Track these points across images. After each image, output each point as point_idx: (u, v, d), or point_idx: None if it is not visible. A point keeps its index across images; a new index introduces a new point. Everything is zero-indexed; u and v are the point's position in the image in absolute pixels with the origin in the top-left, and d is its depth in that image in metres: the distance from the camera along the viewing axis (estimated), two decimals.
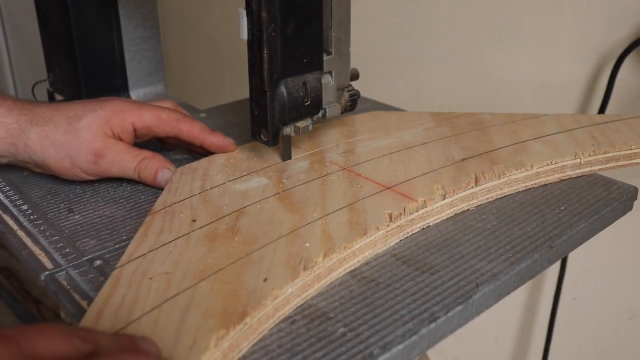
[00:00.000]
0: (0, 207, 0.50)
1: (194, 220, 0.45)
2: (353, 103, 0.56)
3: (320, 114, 0.54)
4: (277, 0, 0.46)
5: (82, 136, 0.51)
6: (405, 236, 0.45)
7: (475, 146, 0.55)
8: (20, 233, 0.47)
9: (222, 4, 1.14)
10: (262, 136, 0.51)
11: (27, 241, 0.46)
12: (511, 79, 0.79)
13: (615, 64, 0.68)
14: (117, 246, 0.45)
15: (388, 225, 0.44)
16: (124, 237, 0.46)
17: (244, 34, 0.48)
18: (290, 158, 0.54)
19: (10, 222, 0.48)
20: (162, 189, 0.51)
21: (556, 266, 0.79)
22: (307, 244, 0.41)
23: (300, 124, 0.52)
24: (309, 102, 0.52)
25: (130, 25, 0.77)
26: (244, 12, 0.47)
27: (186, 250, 0.41)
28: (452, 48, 0.83)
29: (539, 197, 0.51)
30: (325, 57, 0.53)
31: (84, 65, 0.73)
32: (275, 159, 0.55)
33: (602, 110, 0.70)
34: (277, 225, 0.44)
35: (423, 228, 0.47)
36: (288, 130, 0.52)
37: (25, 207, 0.50)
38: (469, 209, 0.49)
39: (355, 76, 0.57)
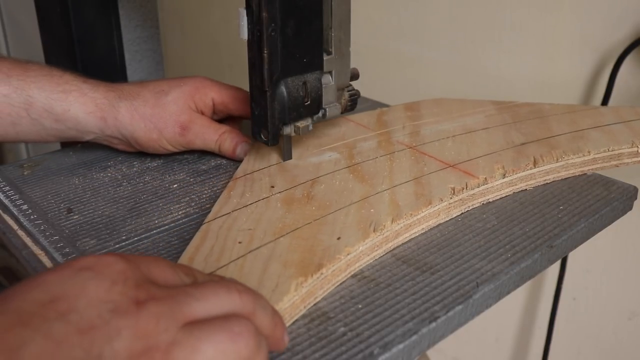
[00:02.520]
0: (1, 207, 0.50)
1: (272, 186, 0.50)
2: (353, 103, 0.56)
3: (320, 114, 0.54)
4: (277, 0, 0.46)
5: (169, 110, 0.55)
6: (466, 209, 0.49)
7: (534, 132, 0.57)
8: (21, 233, 0.47)
9: (222, 4, 1.14)
10: (262, 136, 0.51)
11: (28, 241, 0.46)
12: (511, 79, 0.79)
13: (615, 64, 0.68)
14: (117, 246, 0.45)
15: (451, 198, 0.47)
16: (124, 237, 0.46)
17: (244, 34, 0.48)
18: (290, 158, 0.54)
19: (11, 222, 0.48)
20: (240, 161, 0.56)
21: (556, 266, 0.79)
22: (376, 210, 0.45)
23: (301, 123, 0.52)
24: (309, 102, 0.52)
25: (130, 25, 0.77)
26: (244, 12, 0.47)
27: (266, 211, 0.46)
28: (452, 48, 0.83)
29: (539, 196, 0.51)
30: (325, 57, 0.53)
31: (84, 65, 0.73)
32: (346, 137, 0.59)
33: None
34: (349, 194, 0.48)
35: (483, 204, 0.50)
36: (288, 130, 0.52)
37: (25, 207, 0.50)
38: (473, 206, 0.49)
39: (355, 76, 0.57)
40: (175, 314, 0.27)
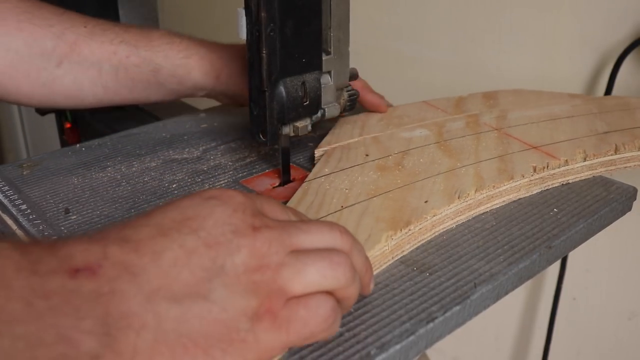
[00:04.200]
0: (0, 207, 0.50)
1: (367, 155, 0.54)
2: (352, 103, 0.56)
3: (319, 114, 0.54)
4: (276, 0, 0.46)
5: None
6: (546, 188, 0.52)
7: (618, 123, 0.59)
8: (20, 233, 0.47)
9: (222, 4, 1.14)
10: (260, 136, 0.51)
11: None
12: (511, 79, 0.79)
13: (615, 64, 0.68)
14: None
15: (532, 175, 0.50)
16: None
17: (243, 34, 0.48)
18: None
19: (10, 222, 0.48)
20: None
21: (556, 266, 0.79)
22: (461, 181, 0.49)
23: (299, 123, 0.52)
24: (308, 102, 0.52)
25: None
26: (243, 12, 0.47)
27: (361, 175, 0.50)
28: (452, 48, 0.83)
29: (538, 197, 0.51)
30: (324, 57, 0.52)
31: None
32: (435, 116, 0.62)
33: None
34: (437, 165, 0.52)
35: (562, 184, 0.52)
36: (287, 130, 0.52)
37: (24, 206, 0.50)
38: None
39: (354, 76, 0.57)
40: (285, 241, 0.32)
